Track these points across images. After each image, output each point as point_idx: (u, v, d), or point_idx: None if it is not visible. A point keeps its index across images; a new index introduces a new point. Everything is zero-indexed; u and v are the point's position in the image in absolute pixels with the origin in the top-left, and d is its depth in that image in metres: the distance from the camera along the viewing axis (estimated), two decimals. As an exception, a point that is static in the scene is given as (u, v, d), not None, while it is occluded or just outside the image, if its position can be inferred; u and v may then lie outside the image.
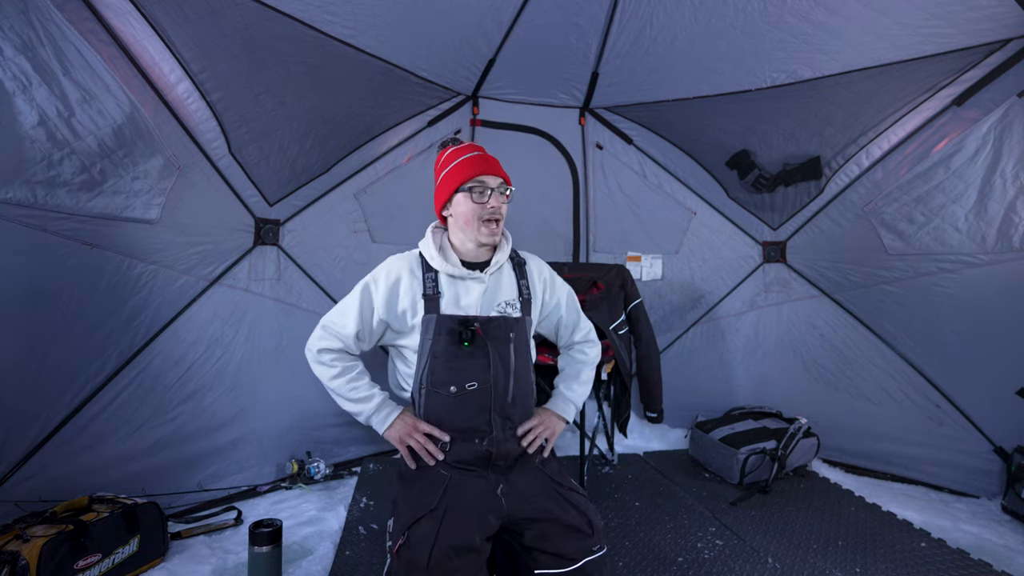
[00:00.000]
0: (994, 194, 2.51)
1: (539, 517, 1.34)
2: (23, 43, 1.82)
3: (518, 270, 1.60)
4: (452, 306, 1.47)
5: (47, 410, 2.16)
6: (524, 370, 1.54)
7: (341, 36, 2.43)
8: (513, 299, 1.55)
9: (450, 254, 1.51)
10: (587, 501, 1.44)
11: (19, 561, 1.71)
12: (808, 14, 2.33)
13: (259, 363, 2.80)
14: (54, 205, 1.99)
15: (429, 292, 1.45)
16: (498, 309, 1.51)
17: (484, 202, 1.47)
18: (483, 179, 1.48)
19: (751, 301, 3.59)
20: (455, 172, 1.50)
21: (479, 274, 1.50)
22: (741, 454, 2.90)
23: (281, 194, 2.87)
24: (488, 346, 1.45)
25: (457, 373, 1.44)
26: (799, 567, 2.11)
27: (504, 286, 1.55)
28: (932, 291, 2.81)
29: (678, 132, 3.44)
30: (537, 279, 1.63)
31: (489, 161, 1.52)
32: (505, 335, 1.49)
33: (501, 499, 1.37)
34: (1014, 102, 2.39)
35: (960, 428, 2.84)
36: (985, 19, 2.18)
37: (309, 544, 2.27)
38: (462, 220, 1.49)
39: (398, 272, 1.48)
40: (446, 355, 1.43)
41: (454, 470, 1.42)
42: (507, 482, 1.42)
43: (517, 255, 1.64)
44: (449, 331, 1.43)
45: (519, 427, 1.51)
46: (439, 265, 1.47)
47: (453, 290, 1.48)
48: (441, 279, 1.48)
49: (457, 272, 1.47)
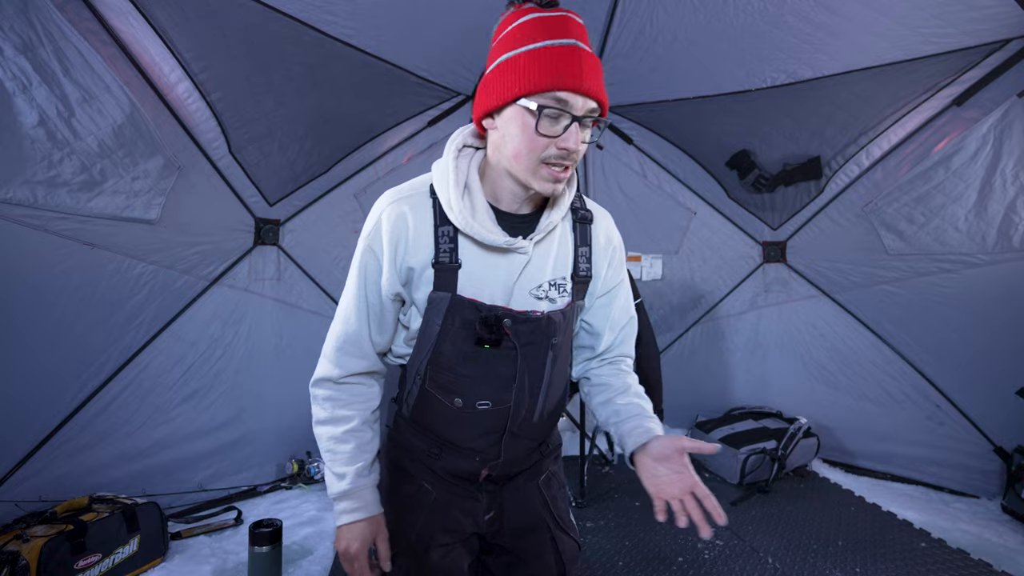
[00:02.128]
0: (994, 194, 2.51)
1: (515, 550, 1.12)
2: (23, 43, 1.82)
3: (579, 229, 1.06)
4: (474, 283, 0.97)
5: (47, 410, 2.16)
6: (560, 379, 1.10)
7: (341, 36, 2.43)
8: (564, 277, 1.04)
9: (479, 203, 0.97)
10: (575, 548, 1.17)
11: (19, 561, 1.71)
12: (808, 14, 2.33)
13: (259, 363, 2.80)
14: (54, 205, 1.99)
15: (444, 259, 0.95)
16: (540, 292, 1.01)
17: (556, 136, 0.87)
18: (564, 97, 0.86)
19: (751, 301, 3.59)
20: (524, 64, 0.88)
21: (521, 243, 0.96)
22: (741, 454, 2.90)
23: (281, 194, 2.87)
24: (518, 353, 1.00)
25: (467, 382, 1.01)
26: (799, 567, 2.11)
27: (554, 257, 1.02)
28: (932, 291, 2.81)
29: (678, 132, 3.43)
30: (604, 246, 1.09)
31: (586, 64, 0.87)
32: (545, 340, 1.02)
33: (485, 524, 1.11)
34: (1014, 102, 2.39)
35: (960, 428, 2.84)
36: (985, 19, 2.18)
37: (309, 544, 2.27)
38: (510, 150, 0.91)
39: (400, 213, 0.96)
40: (456, 355, 0.99)
41: (439, 483, 1.09)
42: (497, 503, 1.13)
43: (582, 204, 1.09)
44: (465, 323, 0.97)
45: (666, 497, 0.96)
46: (462, 223, 0.93)
47: (479, 259, 0.97)
48: (462, 239, 0.96)
49: (489, 240, 0.94)
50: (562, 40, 0.87)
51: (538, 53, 0.87)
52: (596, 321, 1.15)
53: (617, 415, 1.11)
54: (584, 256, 1.06)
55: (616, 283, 1.14)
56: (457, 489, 1.09)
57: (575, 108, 0.87)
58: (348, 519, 1.02)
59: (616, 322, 1.16)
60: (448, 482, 1.09)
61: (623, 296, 1.15)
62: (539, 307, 1.02)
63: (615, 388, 1.15)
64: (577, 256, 1.05)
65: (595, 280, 1.09)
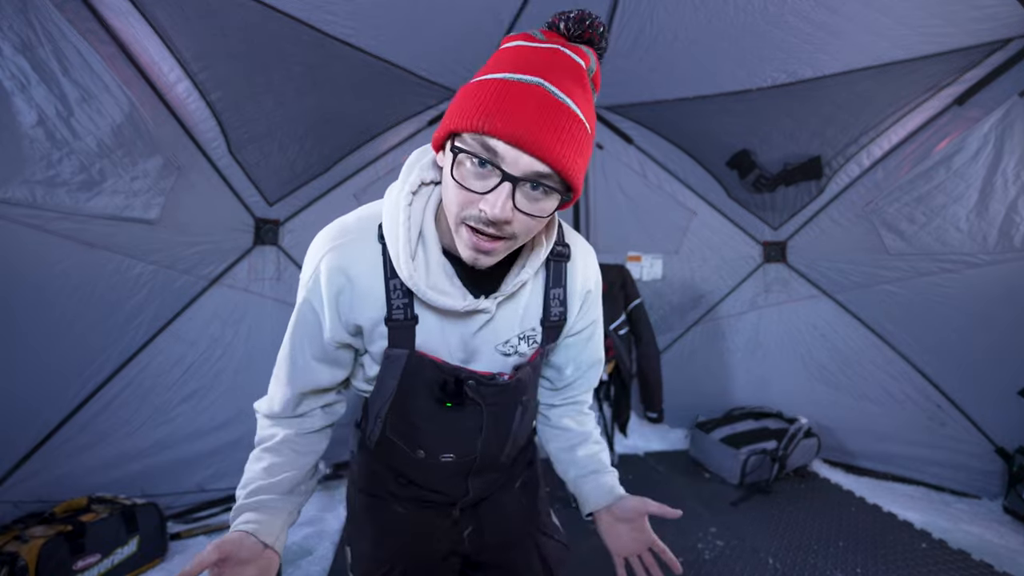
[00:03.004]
0: (995, 194, 2.50)
1: (497, 564, 1.08)
2: (22, 42, 1.81)
3: (553, 268, 0.93)
4: (434, 338, 0.87)
5: (46, 410, 2.16)
6: (528, 422, 1.05)
7: (341, 36, 2.42)
8: (534, 328, 0.93)
9: (434, 257, 0.83)
10: (561, 550, 1.12)
11: (18, 562, 1.71)
12: (809, 14, 2.32)
13: (259, 363, 2.79)
14: (53, 205, 1.98)
15: (398, 316, 0.84)
16: (507, 349, 0.91)
17: (478, 192, 0.71)
18: (492, 144, 0.68)
19: (751, 301, 3.59)
20: (467, 95, 0.71)
21: (483, 304, 0.84)
22: (742, 454, 2.89)
23: (281, 194, 2.86)
24: (483, 410, 0.93)
25: (429, 437, 0.95)
26: (800, 568, 2.11)
27: (523, 309, 0.91)
28: (933, 291, 2.80)
29: (678, 132, 3.43)
30: (579, 291, 0.97)
31: (540, 111, 0.67)
32: (514, 400, 0.95)
33: (465, 541, 1.07)
34: (1015, 102, 2.38)
35: (961, 428, 2.83)
36: (986, 19, 2.18)
37: (309, 544, 2.27)
38: (444, 193, 0.78)
39: (339, 267, 0.84)
40: (416, 411, 0.92)
41: (411, 505, 1.04)
42: (475, 520, 1.08)
43: (561, 239, 0.94)
44: (425, 381, 0.89)
45: None
46: (413, 285, 0.80)
47: (436, 314, 0.86)
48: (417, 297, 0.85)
49: (445, 306, 0.82)
50: (525, 76, 0.68)
51: (485, 84, 0.70)
52: (559, 359, 1.05)
53: (577, 467, 1.07)
54: (557, 299, 0.93)
55: (586, 325, 1.02)
56: (431, 510, 1.05)
57: (506, 163, 0.68)
58: (233, 523, 0.87)
59: (582, 363, 1.06)
60: (420, 503, 1.04)
61: (594, 338, 1.05)
62: (508, 364, 0.93)
63: (575, 436, 1.08)
64: (548, 299, 0.93)
65: (569, 319, 0.97)
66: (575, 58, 0.72)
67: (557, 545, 1.12)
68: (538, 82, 0.68)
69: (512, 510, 1.11)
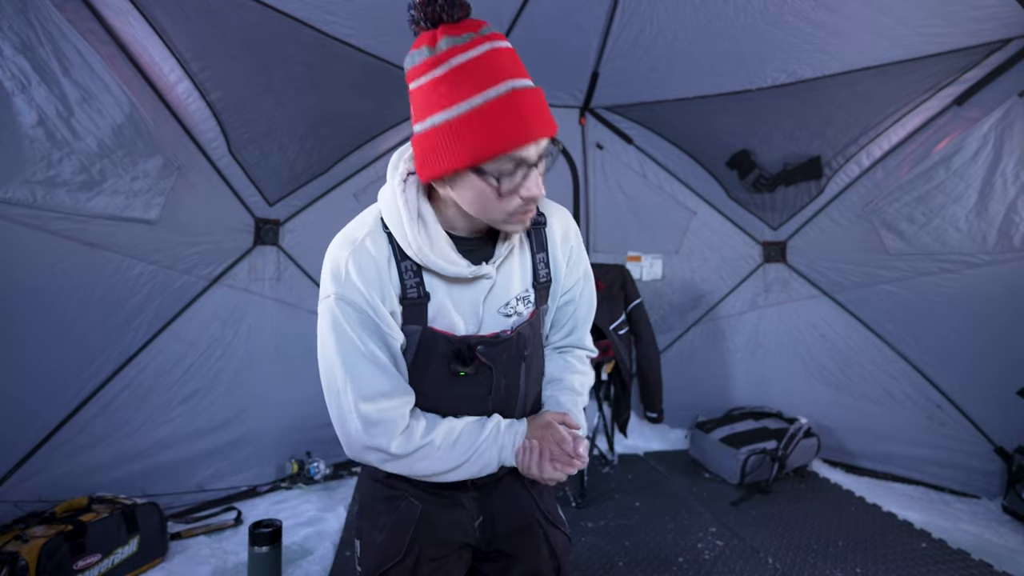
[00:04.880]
0: (995, 194, 2.51)
1: (509, 552, 1.12)
2: (22, 43, 1.81)
3: (534, 234, 1.05)
4: (444, 313, 0.97)
5: (46, 410, 2.16)
6: (536, 382, 1.14)
7: (341, 36, 2.43)
8: (526, 289, 1.04)
9: (436, 234, 0.93)
10: (567, 542, 1.18)
11: (18, 562, 1.71)
12: (809, 13, 2.32)
13: (259, 363, 2.80)
14: (53, 205, 1.98)
15: (412, 294, 0.94)
16: (508, 310, 1.02)
17: (515, 188, 0.84)
18: (518, 155, 0.81)
19: (751, 301, 3.59)
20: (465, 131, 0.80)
21: (485, 269, 0.95)
22: (741, 454, 2.89)
23: (281, 194, 2.87)
24: (492, 370, 1.02)
25: (445, 403, 1.02)
26: (799, 567, 2.11)
27: (517, 272, 1.03)
28: (933, 291, 2.81)
29: (678, 132, 3.43)
30: (560, 246, 1.08)
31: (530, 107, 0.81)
32: (517, 354, 1.04)
33: (476, 532, 1.11)
34: (1015, 102, 2.38)
35: (961, 428, 2.84)
36: (986, 19, 2.18)
37: (309, 544, 2.27)
38: (470, 208, 0.89)
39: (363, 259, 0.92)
40: (432, 383, 1.00)
41: (424, 496, 1.09)
42: (486, 509, 1.13)
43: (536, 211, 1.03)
44: (438, 355, 0.99)
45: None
46: (422, 258, 0.91)
47: (445, 290, 0.96)
48: (426, 271, 0.95)
49: (453, 272, 0.93)
50: (496, 88, 0.79)
51: (478, 115, 0.79)
52: (555, 316, 1.16)
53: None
54: (542, 262, 1.06)
55: (576, 280, 1.13)
56: (444, 500, 1.09)
57: (530, 158, 0.82)
58: (518, 441, 1.00)
59: (578, 315, 1.16)
60: (433, 494, 1.08)
61: (587, 291, 1.15)
62: (508, 324, 1.03)
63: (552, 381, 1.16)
64: (536, 263, 1.05)
65: (555, 283, 1.09)
66: (498, 42, 0.82)
67: (562, 536, 1.18)
68: (509, 87, 0.79)
69: (522, 500, 1.16)
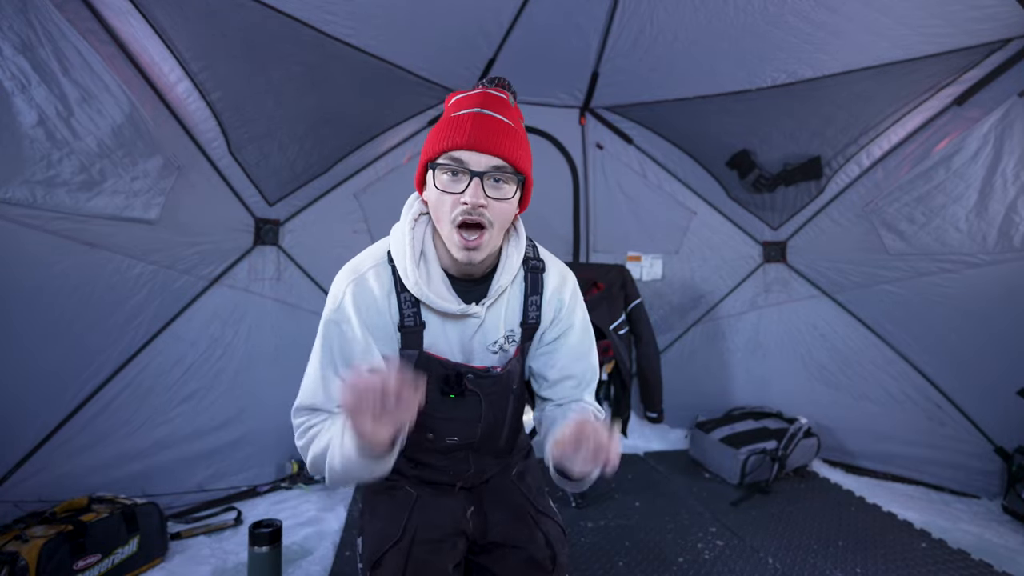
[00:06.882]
0: (995, 194, 2.51)
1: (503, 542, 1.19)
2: (22, 43, 1.81)
3: (531, 278, 1.16)
4: (437, 342, 1.10)
5: (46, 410, 2.15)
6: (519, 411, 1.27)
7: (340, 36, 2.42)
8: (513, 329, 1.15)
9: (435, 272, 1.08)
10: (560, 531, 1.24)
11: (18, 562, 1.71)
12: (809, 13, 2.32)
13: (259, 363, 2.79)
14: (53, 205, 1.98)
15: (409, 323, 1.08)
16: (494, 348, 1.14)
17: (456, 192, 0.98)
18: (458, 155, 0.97)
19: (751, 301, 3.59)
20: (430, 135, 1.04)
21: (474, 309, 1.08)
22: (741, 454, 2.89)
23: (281, 194, 2.87)
24: (481, 399, 1.14)
25: (436, 423, 1.14)
26: (799, 567, 2.11)
27: (505, 313, 1.14)
28: (933, 291, 2.81)
29: (678, 132, 3.43)
30: (549, 298, 1.18)
31: (483, 126, 0.98)
32: (506, 390, 1.17)
33: (469, 522, 1.20)
34: (1015, 102, 2.38)
35: (961, 428, 2.84)
36: (986, 19, 2.18)
37: (309, 544, 2.27)
38: (434, 212, 1.04)
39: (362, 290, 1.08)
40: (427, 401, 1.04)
41: (419, 485, 1.21)
42: (478, 502, 1.24)
43: (535, 255, 1.19)
44: (432, 376, 1.10)
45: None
46: (418, 292, 1.05)
47: (438, 322, 1.10)
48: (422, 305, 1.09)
49: (443, 308, 1.06)
50: (466, 110, 1.00)
51: (441, 123, 1.02)
52: (537, 366, 1.22)
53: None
54: (534, 304, 1.16)
55: (559, 334, 1.19)
56: (437, 489, 1.21)
57: (472, 164, 0.97)
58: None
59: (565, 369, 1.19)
60: (428, 484, 1.20)
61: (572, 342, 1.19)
62: (495, 360, 1.15)
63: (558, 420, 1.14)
64: (527, 304, 1.15)
65: (541, 326, 1.18)
66: (498, 94, 1.06)
67: (555, 526, 1.23)
68: (476, 110, 1.00)
69: (511, 492, 1.26)
